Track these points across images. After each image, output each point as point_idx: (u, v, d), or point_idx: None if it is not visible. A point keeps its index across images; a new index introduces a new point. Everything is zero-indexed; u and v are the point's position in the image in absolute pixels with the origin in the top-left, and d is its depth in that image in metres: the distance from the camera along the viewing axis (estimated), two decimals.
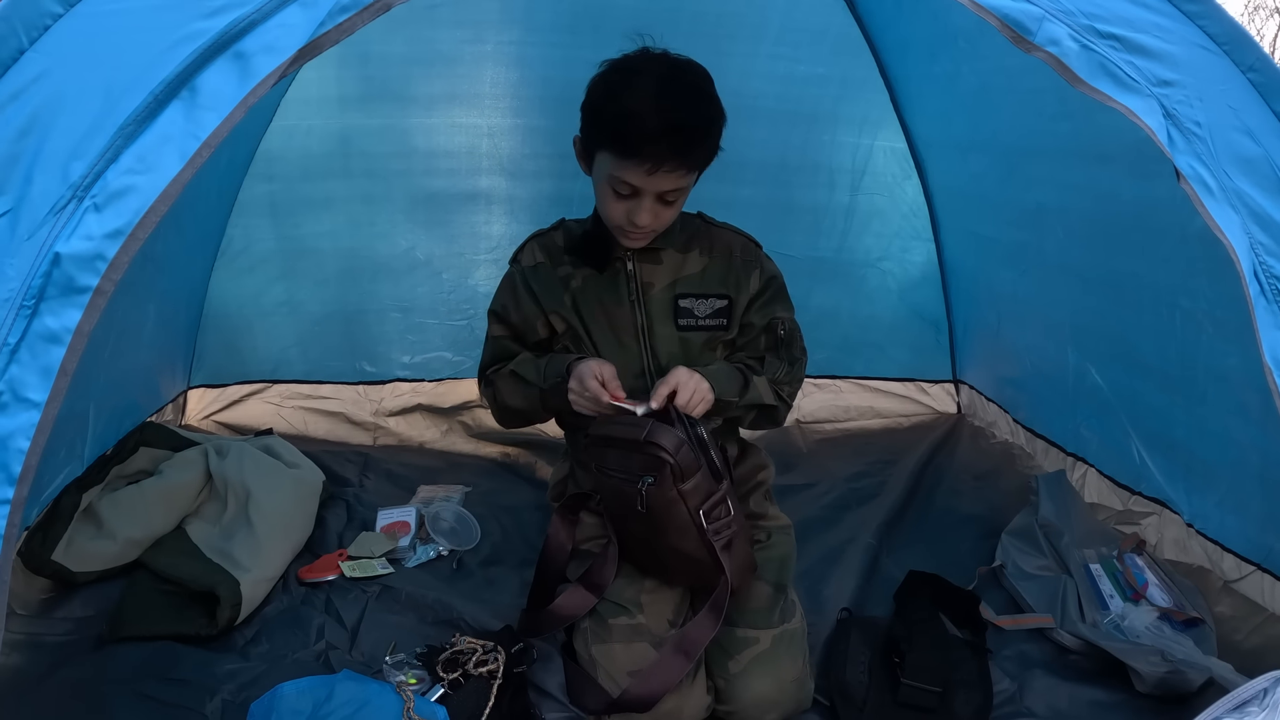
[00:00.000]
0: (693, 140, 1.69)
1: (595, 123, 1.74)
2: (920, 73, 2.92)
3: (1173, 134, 1.36)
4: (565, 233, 1.99)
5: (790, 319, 2.01)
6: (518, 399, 1.93)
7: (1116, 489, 2.54)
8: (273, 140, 2.87)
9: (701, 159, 1.75)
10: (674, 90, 1.68)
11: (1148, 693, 1.82)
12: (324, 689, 1.60)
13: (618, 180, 1.73)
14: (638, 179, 1.70)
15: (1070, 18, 1.32)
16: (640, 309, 1.90)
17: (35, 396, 1.09)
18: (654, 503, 1.65)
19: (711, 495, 1.67)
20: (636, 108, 1.65)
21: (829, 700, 1.81)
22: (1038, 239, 2.76)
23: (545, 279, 1.95)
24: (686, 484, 1.64)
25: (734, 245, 1.97)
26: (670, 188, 1.73)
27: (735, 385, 1.87)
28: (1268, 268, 1.38)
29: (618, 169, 1.71)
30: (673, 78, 1.70)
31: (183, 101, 1.13)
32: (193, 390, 3.05)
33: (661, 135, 1.64)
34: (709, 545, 1.67)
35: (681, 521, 1.67)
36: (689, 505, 1.65)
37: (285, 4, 1.16)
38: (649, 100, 1.65)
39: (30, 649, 1.82)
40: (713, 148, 1.76)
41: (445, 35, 2.82)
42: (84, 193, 1.11)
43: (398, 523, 2.41)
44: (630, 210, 1.75)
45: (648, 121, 1.64)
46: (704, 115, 1.71)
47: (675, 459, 1.61)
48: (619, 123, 1.67)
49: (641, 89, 1.67)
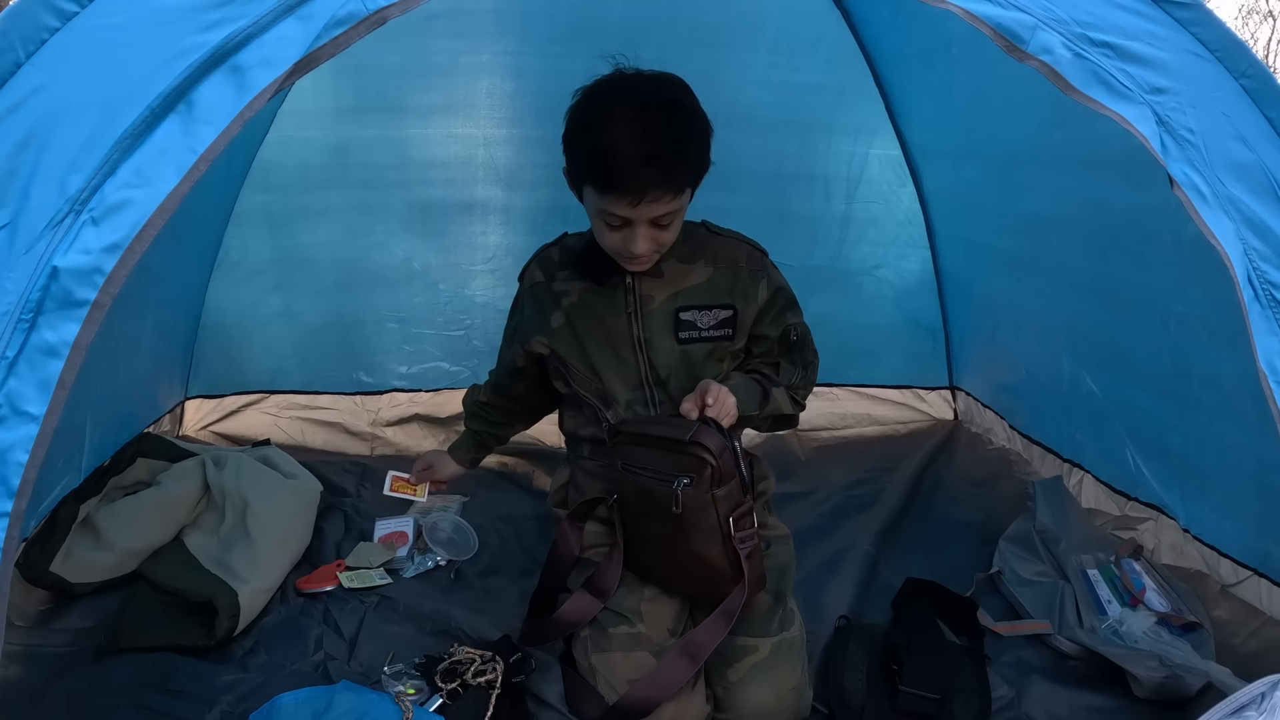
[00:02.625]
0: (674, 164, 1.64)
1: (574, 157, 1.71)
2: (915, 81, 2.94)
3: (1166, 141, 1.37)
4: (562, 249, 1.99)
5: (801, 323, 2.01)
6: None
7: (1113, 495, 2.54)
8: (269, 151, 2.87)
9: (688, 178, 1.71)
10: (649, 116, 1.62)
11: (1146, 698, 1.82)
12: (323, 700, 1.60)
13: (606, 213, 1.70)
14: (625, 211, 1.67)
15: (1063, 26, 1.33)
16: (637, 321, 1.88)
17: (34, 410, 1.09)
18: (688, 503, 1.65)
19: (740, 505, 1.68)
20: (611, 141, 1.60)
21: (828, 708, 1.81)
22: (1033, 246, 2.77)
23: (540, 299, 1.95)
24: (721, 489, 1.64)
25: (739, 255, 1.94)
26: (660, 213, 1.69)
27: (756, 399, 1.88)
28: (1262, 274, 1.38)
29: (603, 203, 1.68)
30: (646, 101, 1.64)
31: (180, 115, 1.14)
32: (190, 401, 3.05)
33: (640, 166, 1.60)
34: (733, 553, 1.67)
35: (709, 526, 1.67)
36: (720, 511, 1.65)
37: (282, 17, 1.16)
38: (623, 131, 1.60)
39: (29, 660, 1.81)
40: (699, 163, 1.71)
41: (441, 46, 2.83)
42: (81, 206, 1.11)
43: (395, 533, 2.41)
44: (625, 239, 1.72)
45: (624, 154, 1.59)
46: (682, 136, 1.65)
47: (718, 461, 1.62)
48: (596, 158, 1.63)
49: (615, 120, 1.61)
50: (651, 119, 1.62)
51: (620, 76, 1.70)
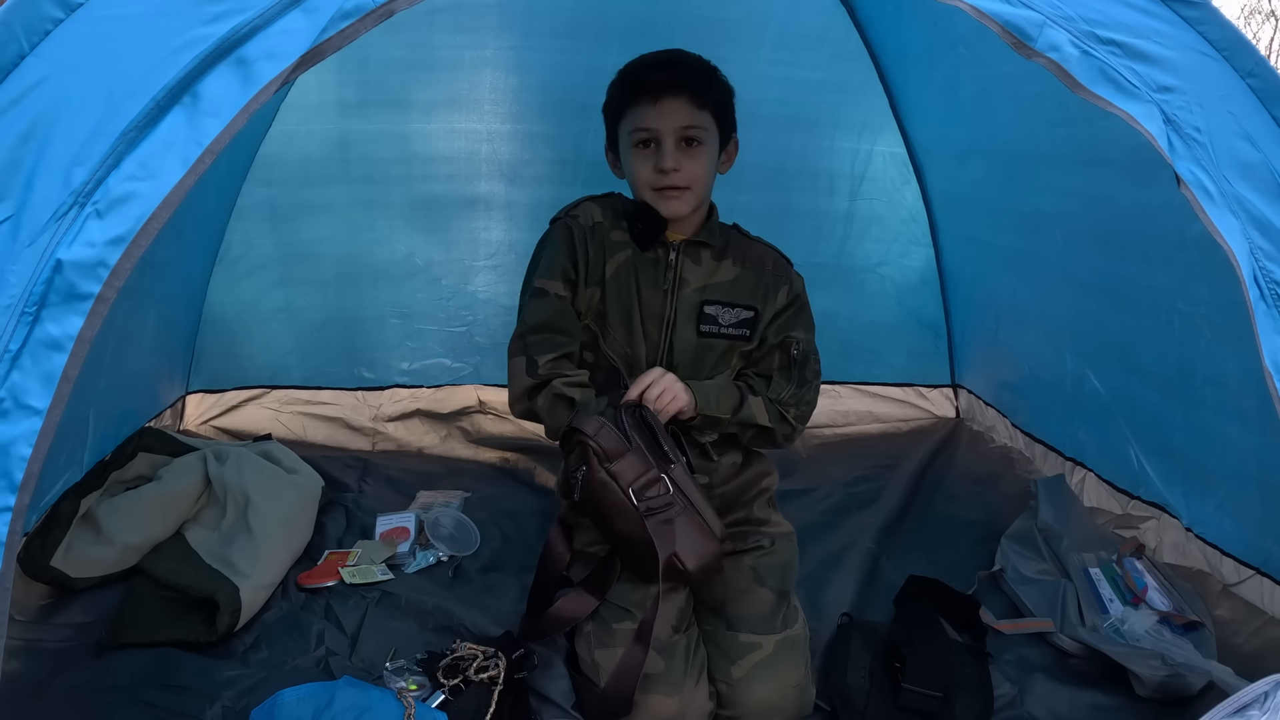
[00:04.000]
0: (693, 71, 1.85)
1: (611, 98, 1.91)
2: (920, 78, 2.93)
3: (1173, 139, 1.36)
4: (620, 200, 1.99)
5: (806, 340, 2.01)
6: (560, 422, 1.80)
7: (1115, 493, 2.54)
8: (272, 145, 2.86)
9: (708, 96, 1.85)
10: (675, 52, 1.89)
11: (1148, 696, 1.82)
12: (324, 695, 1.59)
13: (636, 131, 1.84)
14: (650, 118, 1.81)
15: (1070, 24, 1.32)
16: (672, 302, 1.92)
17: (37, 403, 1.09)
18: (591, 488, 1.69)
19: (644, 474, 1.70)
20: (638, 61, 1.89)
21: (830, 705, 1.81)
22: (1037, 244, 2.76)
23: (602, 239, 1.90)
24: (615, 464, 1.68)
25: (766, 259, 2.00)
26: (684, 123, 1.81)
27: (728, 403, 1.88)
28: (1267, 272, 1.38)
29: (631, 119, 1.85)
30: (676, 52, 1.90)
31: (185, 108, 1.13)
32: (191, 395, 3.05)
33: (660, 65, 1.83)
34: (640, 520, 1.68)
35: (618, 502, 1.69)
36: (620, 484, 1.68)
37: (287, 10, 1.15)
38: (648, 55, 1.88)
39: (29, 655, 1.81)
40: (724, 103, 1.90)
41: (445, 40, 2.82)
42: (86, 199, 1.10)
43: (397, 528, 2.41)
44: (657, 160, 1.82)
45: (646, 60, 1.87)
46: (706, 70, 1.89)
47: (594, 439, 1.67)
48: (626, 74, 1.89)
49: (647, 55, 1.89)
50: (679, 53, 1.90)
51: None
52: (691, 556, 1.71)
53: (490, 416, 3.14)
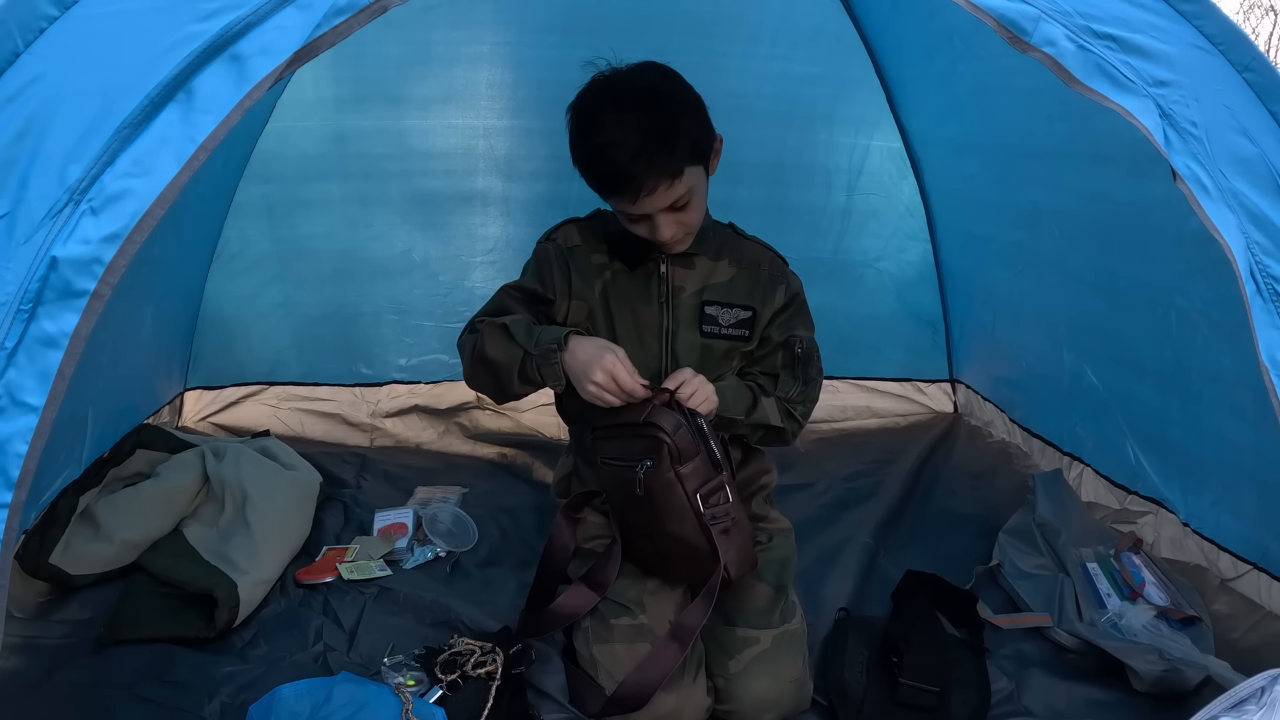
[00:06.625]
0: (660, 152, 1.65)
1: (578, 168, 1.78)
2: (916, 73, 2.93)
3: (1169, 134, 1.36)
4: (604, 223, 1.97)
5: (809, 338, 2.01)
6: (499, 352, 1.80)
7: (1113, 488, 2.54)
8: (268, 142, 2.86)
9: (683, 159, 1.69)
10: (626, 113, 1.66)
11: (1145, 691, 1.82)
12: (323, 691, 1.60)
13: (621, 212, 1.79)
14: (632, 208, 1.73)
15: (1067, 18, 1.32)
16: (668, 312, 1.91)
17: (33, 400, 1.09)
18: (653, 485, 1.67)
19: (709, 481, 1.68)
20: (596, 146, 1.68)
21: (827, 700, 1.81)
22: (1034, 239, 2.76)
23: (581, 262, 1.93)
24: (684, 467, 1.66)
25: (762, 259, 1.98)
26: (668, 201, 1.72)
27: (743, 404, 1.88)
28: (1264, 267, 1.38)
29: (613, 204, 1.79)
30: (622, 99, 1.68)
31: (179, 104, 1.13)
32: (189, 392, 3.05)
33: (628, 163, 1.65)
34: (705, 529, 1.67)
35: (679, 505, 1.68)
36: (686, 489, 1.66)
37: (281, 6, 1.16)
38: (605, 135, 1.66)
39: (28, 652, 1.81)
40: (694, 141, 1.71)
41: (440, 36, 2.82)
42: (81, 196, 1.11)
43: (395, 524, 2.41)
44: (649, 230, 1.78)
45: (610, 156, 1.66)
46: (665, 122, 1.66)
47: (673, 439, 1.64)
48: (590, 167, 1.73)
49: (596, 125, 1.68)
50: (630, 115, 1.66)
51: (597, 79, 1.75)
52: (735, 565, 1.72)
53: (488, 412, 3.14)
